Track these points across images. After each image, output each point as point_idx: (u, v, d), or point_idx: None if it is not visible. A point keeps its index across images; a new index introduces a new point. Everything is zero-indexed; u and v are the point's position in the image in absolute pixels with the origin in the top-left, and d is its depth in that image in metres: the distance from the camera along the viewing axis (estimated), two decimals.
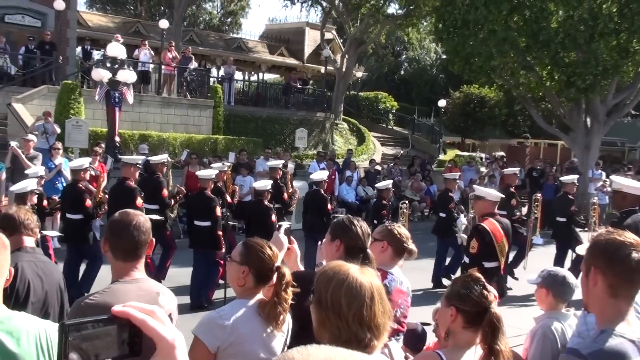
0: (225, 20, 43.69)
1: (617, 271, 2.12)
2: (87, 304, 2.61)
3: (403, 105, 36.09)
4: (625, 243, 2.14)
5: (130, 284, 2.68)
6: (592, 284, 2.17)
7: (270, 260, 2.87)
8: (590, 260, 2.21)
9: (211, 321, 2.83)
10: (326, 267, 2.00)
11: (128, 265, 2.73)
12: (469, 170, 21.30)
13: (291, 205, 12.63)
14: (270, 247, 2.95)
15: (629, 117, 34.27)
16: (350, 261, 3.06)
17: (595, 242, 2.23)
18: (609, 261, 2.14)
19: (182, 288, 9.85)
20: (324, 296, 1.89)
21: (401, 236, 3.65)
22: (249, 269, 2.87)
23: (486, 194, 6.95)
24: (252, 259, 2.89)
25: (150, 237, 2.81)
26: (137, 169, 9.46)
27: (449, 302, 2.63)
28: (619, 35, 17.91)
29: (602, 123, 20.38)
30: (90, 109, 17.13)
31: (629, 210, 5.71)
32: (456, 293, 2.63)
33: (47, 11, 20.78)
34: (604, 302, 2.16)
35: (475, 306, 2.57)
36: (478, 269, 6.10)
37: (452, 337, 2.64)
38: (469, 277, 2.72)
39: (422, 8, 27.25)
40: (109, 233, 2.77)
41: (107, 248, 2.74)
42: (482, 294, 2.58)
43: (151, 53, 20.70)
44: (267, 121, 23.81)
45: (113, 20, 28.68)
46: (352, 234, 3.10)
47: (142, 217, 2.81)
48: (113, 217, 2.81)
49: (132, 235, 2.73)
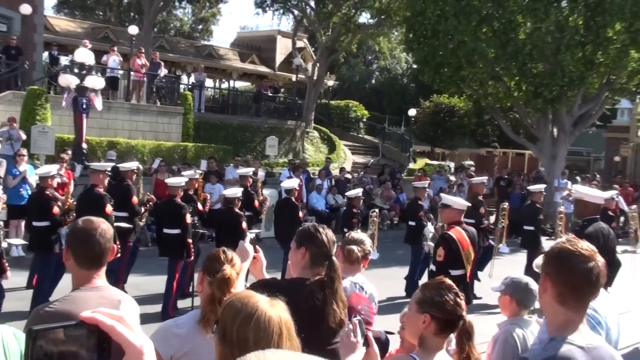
0: (197, 27, 43.50)
1: (565, 280, 2.12)
2: (46, 311, 2.55)
3: (374, 114, 36.33)
4: (577, 253, 2.14)
5: (91, 292, 2.64)
6: (542, 290, 2.20)
7: (221, 263, 2.86)
8: (542, 267, 2.24)
9: (167, 329, 2.83)
10: (233, 298, 1.88)
11: (91, 272, 2.69)
12: (439, 179, 21.48)
13: (262, 213, 12.59)
14: (225, 252, 2.94)
15: (594, 127, 34.97)
16: (316, 269, 3.06)
17: (550, 249, 2.26)
18: (558, 269, 2.15)
19: (150, 297, 9.74)
20: (229, 330, 1.78)
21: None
22: (203, 274, 2.88)
23: (453, 202, 7.01)
24: (207, 266, 2.89)
25: (112, 244, 2.77)
26: (106, 176, 9.32)
27: (422, 309, 2.61)
28: (584, 48, 18.27)
29: (568, 133, 20.73)
30: (57, 115, 16.86)
31: (591, 218, 5.80)
32: (430, 300, 2.61)
33: (13, 15, 20.44)
34: (553, 310, 2.18)
35: (449, 314, 2.59)
36: (444, 276, 6.17)
37: (423, 341, 2.64)
38: (442, 284, 2.70)
39: (393, 18, 27.53)
40: (72, 241, 2.71)
41: (70, 256, 2.68)
42: (456, 302, 2.60)
43: (120, 59, 20.50)
44: (238, 129, 23.73)
45: (81, 25, 28.35)
46: (317, 241, 3.08)
47: (105, 224, 2.77)
48: (76, 225, 2.75)
49: (98, 243, 2.69)
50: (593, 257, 2.16)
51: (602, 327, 2.93)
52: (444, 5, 19.20)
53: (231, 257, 2.91)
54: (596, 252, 2.18)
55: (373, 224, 11.22)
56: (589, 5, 17.89)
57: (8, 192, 11.23)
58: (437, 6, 19.53)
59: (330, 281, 2.93)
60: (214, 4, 37.61)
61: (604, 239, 5.54)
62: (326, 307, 2.84)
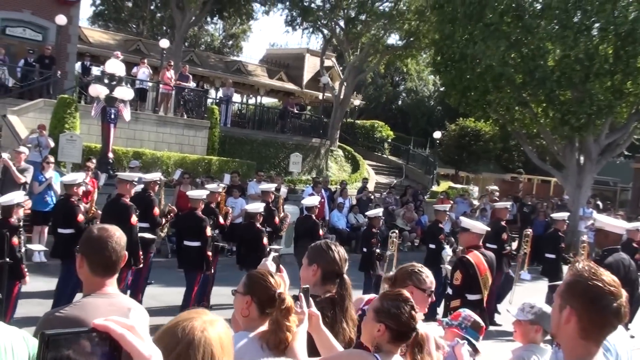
0: (227, 42, 44.01)
1: (593, 318, 2.09)
2: (57, 317, 2.58)
3: (399, 135, 36.31)
4: (607, 291, 2.09)
5: (101, 298, 2.66)
6: (564, 322, 2.13)
7: (273, 288, 2.79)
8: (567, 299, 2.15)
9: None
10: (181, 314, 1.81)
11: (104, 280, 2.72)
12: (462, 203, 21.32)
13: (282, 230, 12.59)
14: (272, 275, 2.88)
15: (622, 157, 34.51)
16: (326, 286, 3.05)
17: (576, 280, 2.16)
18: (589, 307, 2.10)
19: (167, 308, 9.78)
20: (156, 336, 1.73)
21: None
22: (252, 299, 2.81)
23: (471, 226, 6.95)
24: (255, 288, 2.83)
25: (125, 252, 2.80)
26: (133, 186, 9.40)
27: (378, 318, 2.71)
28: (613, 77, 18.13)
29: (594, 162, 20.50)
30: (86, 124, 17.14)
31: (611, 248, 5.72)
32: (387, 311, 2.71)
33: (48, 25, 20.90)
34: (574, 342, 2.13)
35: (403, 326, 2.70)
36: (461, 301, 6.12)
37: (378, 347, 2.73)
38: (400, 296, 2.79)
39: (421, 40, 27.59)
40: (87, 249, 2.74)
41: (84, 264, 2.72)
42: (410, 314, 2.71)
43: (150, 71, 20.80)
44: (263, 144, 23.86)
45: (114, 37, 28.85)
46: (329, 258, 3.08)
47: (119, 231, 2.81)
48: (91, 233, 2.78)
49: (114, 250, 2.72)
50: (620, 294, 2.12)
51: (612, 354, 2.89)
52: (472, 30, 19.23)
53: (280, 281, 2.84)
54: (620, 286, 2.14)
55: (392, 245, 11.16)
56: (619, 35, 17.76)
57: (33, 198, 11.39)
58: (466, 30, 19.56)
59: (340, 299, 2.92)
60: (245, 20, 38.00)
61: (624, 270, 5.45)
62: (335, 325, 2.84)
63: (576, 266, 2.21)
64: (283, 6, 29.68)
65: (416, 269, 3.63)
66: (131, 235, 8.65)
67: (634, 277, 5.82)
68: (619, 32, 17.68)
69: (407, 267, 3.72)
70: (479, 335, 4.22)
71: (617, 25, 17.53)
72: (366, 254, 11.13)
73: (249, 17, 35.70)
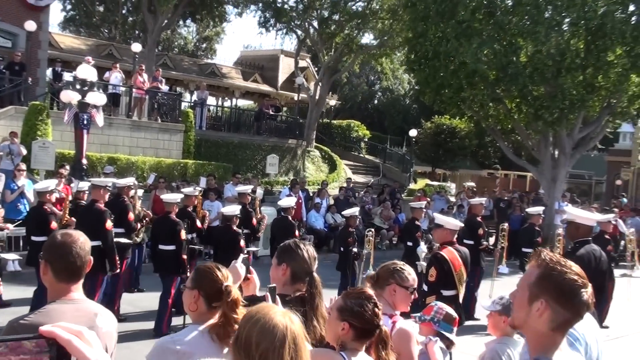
0: (200, 45, 43.79)
1: (569, 310, 2.10)
2: (21, 324, 2.54)
3: (375, 134, 36.42)
4: (580, 284, 2.11)
5: (67, 304, 2.62)
6: (537, 315, 2.12)
7: (220, 281, 2.82)
8: (540, 291, 2.14)
9: (164, 346, 2.78)
10: (252, 307, 1.98)
11: (69, 286, 2.67)
12: (439, 200, 21.47)
13: (259, 231, 12.58)
14: (220, 268, 2.91)
15: (596, 150, 35.00)
16: (296, 285, 3.04)
17: (549, 273, 2.14)
18: (564, 300, 2.10)
19: (144, 314, 9.70)
20: (241, 334, 1.88)
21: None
22: (199, 293, 2.84)
23: (445, 222, 6.98)
24: (202, 282, 2.86)
25: (90, 256, 2.75)
26: (107, 192, 9.32)
27: (342, 316, 2.73)
28: (585, 71, 18.34)
29: (568, 156, 20.73)
30: (58, 131, 16.94)
31: (582, 240, 5.75)
32: (350, 309, 2.73)
33: (18, 32, 20.59)
34: (541, 333, 2.14)
35: (366, 323, 2.72)
36: (436, 297, 6.14)
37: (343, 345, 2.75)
38: (363, 294, 2.81)
39: (395, 39, 27.70)
40: (51, 255, 2.69)
41: (48, 270, 2.67)
42: (374, 312, 2.73)
43: (122, 76, 20.61)
44: (239, 147, 23.79)
45: (86, 42, 28.55)
46: (298, 257, 3.07)
47: (83, 237, 2.76)
48: (55, 239, 2.73)
49: (78, 256, 2.68)
50: (587, 284, 2.14)
51: (581, 344, 2.90)
52: (445, 27, 19.34)
53: (227, 274, 2.87)
54: (586, 277, 2.16)
55: (369, 243, 11.19)
56: (590, 29, 17.97)
57: (6, 207, 11.25)
58: (439, 28, 19.66)
59: (310, 297, 2.91)
60: (218, 23, 37.86)
61: (595, 262, 5.50)
62: (306, 324, 2.82)
63: (542, 257, 2.20)
64: (256, 7, 29.61)
65: (398, 267, 3.68)
66: (107, 241, 8.59)
67: (605, 269, 5.88)
68: (589, 26, 17.89)
69: (389, 265, 3.76)
70: (453, 327, 4.24)
71: (587, 20, 17.74)
72: (343, 253, 11.14)
73: (222, 20, 35.61)
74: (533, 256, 2.26)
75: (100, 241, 8.40)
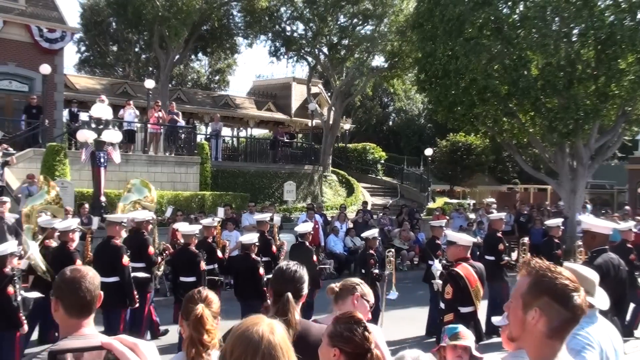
0: (213, 78, 44.31)
1: (564, 316, 2.09)
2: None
3: (392, 155, 36.43)
4: (573, 289, 2.11)
5: (78, 340, 2.65)
6: (532, 323, 2.12)
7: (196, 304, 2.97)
8: (533, 299, 2.14)
9: None
10: (243, 320, 1.97)
11: (80, 321, 2.70)
12: (458, 217, 21.30)
13: (279, 258, 12.57)
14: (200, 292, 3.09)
15: (616, 159, 34.64)
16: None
17: (540, 280, 2.14)
18: (558, 306, 2.09)
19: (166, 347, 9.69)
20: (224, 347, 1.90)
21: None
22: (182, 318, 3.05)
23: (457, 239, 6.93)
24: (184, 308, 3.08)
25: (100, 291, 2.79)
26: (123, 227, 9.42)
27: (332, 343, 2.71)
28: (597, 80, 18.27)
29: (586, 166, 20.55)
30: (76, 170, 17.16)
31: (599, 249, 5.69)
32: (339, 334, 2.71)
33: (34, 76, 21.04)
34: (540, 342, 2.13)
35: (357, 348, 2.69)
36: (454, 314, 6.08)
37: None
38: (352, 318, 2.78)
39: (405, 60, 27.81)
40: (62, 291, 2.72)
41: (59, 307, 2.70)
42: (364, 336, 2.70)
43: (136, 112, 20.89)
44: (255, 176, 23.91)
45: (100, 82, 29.04)
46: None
47: (92, 271, 2.80)
48: (64, 275, 2.76)
49: (87, 290, 2.71)
50: (580, 288, 2.14)
51: (595, 349, 2.87)
52: (453, 45, 19.40)
53: (205, 295, 2.94)
54: (577, 281, 2.16)
55: (390, 264, 11.13)
56: (599, 39, 17.94)
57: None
58: (447, 46, 19.73)
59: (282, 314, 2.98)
60: (229, 55, 38.32)
61: (614, 270, 5.42)
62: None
63: (531, 266, 2.21)
64: (266, 37, 29.98)
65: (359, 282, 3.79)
66: (124, 276, 8.65)
67: (624, 277, 5.79)
68: (599, 36, 17.86)
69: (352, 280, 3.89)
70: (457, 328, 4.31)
71: (595, 29, 17.72)
72: (364, 275, 11.08)
73: (233, 51, 36.02)
74: (522, 266, 2.26)
75: (118, 277, 8.47)
